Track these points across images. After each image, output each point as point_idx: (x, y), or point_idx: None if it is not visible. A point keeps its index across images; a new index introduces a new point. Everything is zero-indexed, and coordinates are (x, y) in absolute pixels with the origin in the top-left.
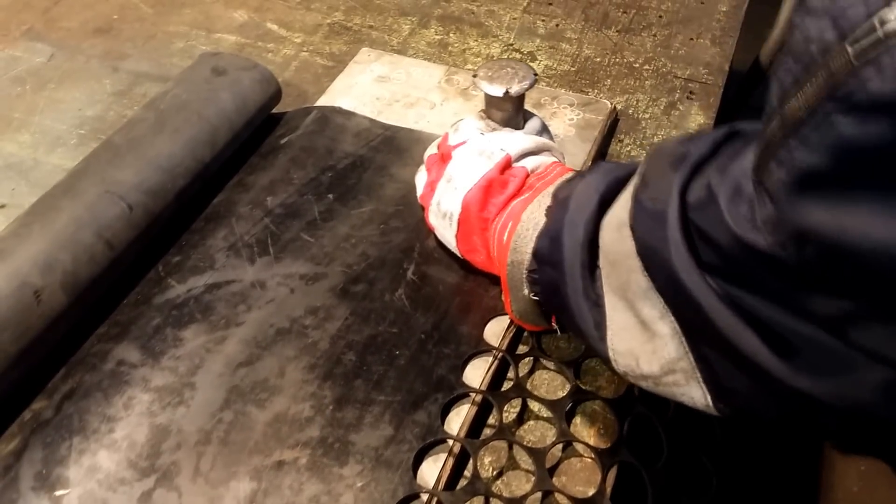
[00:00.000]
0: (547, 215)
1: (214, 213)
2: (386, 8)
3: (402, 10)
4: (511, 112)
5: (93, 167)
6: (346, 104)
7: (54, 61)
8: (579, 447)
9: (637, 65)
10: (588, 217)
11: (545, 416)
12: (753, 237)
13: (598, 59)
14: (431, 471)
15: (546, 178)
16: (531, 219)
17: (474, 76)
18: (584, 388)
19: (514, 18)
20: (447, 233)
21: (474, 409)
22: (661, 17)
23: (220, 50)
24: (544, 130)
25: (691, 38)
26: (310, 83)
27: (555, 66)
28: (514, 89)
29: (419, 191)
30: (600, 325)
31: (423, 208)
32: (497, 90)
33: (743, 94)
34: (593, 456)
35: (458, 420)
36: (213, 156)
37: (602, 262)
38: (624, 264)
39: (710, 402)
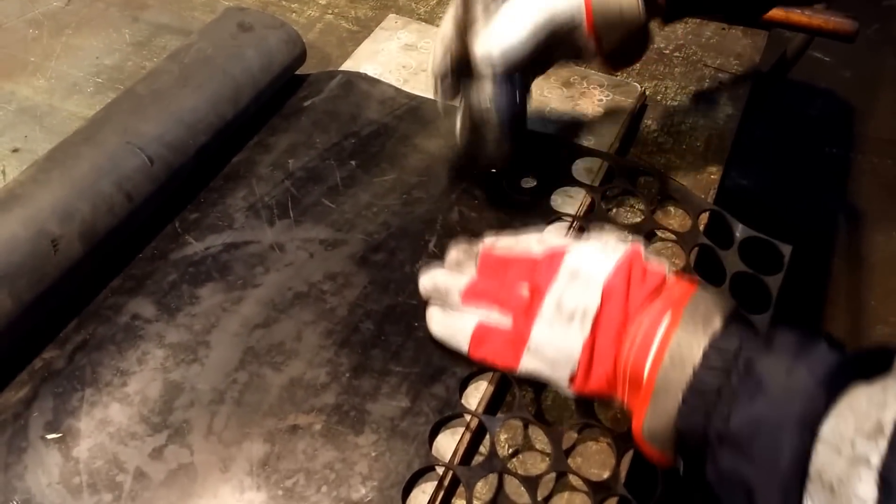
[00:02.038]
0: (729, 370)
1: (234, 173)
2: None
3: None
4: None
5: (114, 117)
6: (370, 70)
7: (72, 6)
8: (596, 430)
9: (667, 51)
10: (811, 424)
11: (563, 397)
12: None
13: None
14: (448, 443)
15: (683, 284)
16: (695, 318)
17: None
18: None
19: None
20: (570, 341)
21: (492, 385)
22: None
23: (243, 6)
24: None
25: (723, 28)
26: (334, 46)
27: None
28: None
29: (463, 331)
30: None
31: (469, 351)
32: None
33: (763, 91)
34: (609, 439)
35: (476, 395)
36: (235, 113)
37: (813, 474)
38: (849, 502)
39: None
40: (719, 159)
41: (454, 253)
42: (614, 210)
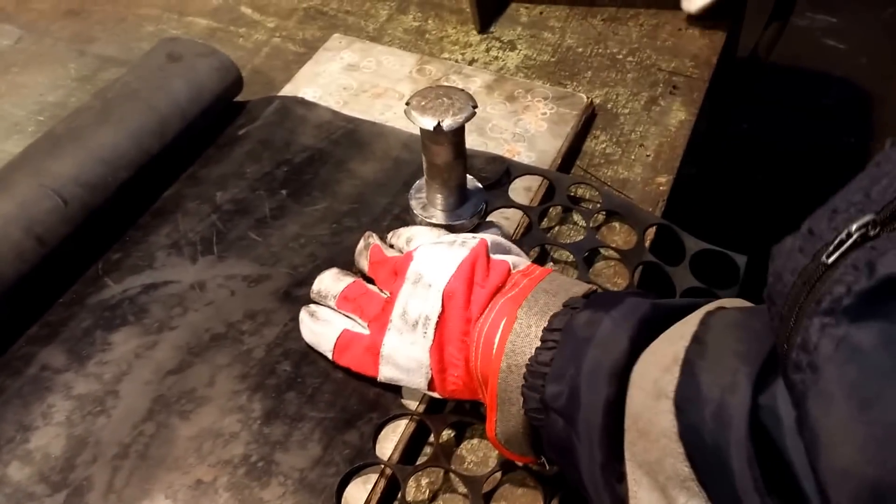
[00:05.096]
0: (558, 342)
1: (161, 208)
2: None
3: None
4: (446, 148)
5: (29, 159)
6: (310, 93)
7: (21, 44)
8: (520, 473)
9: (620, 56)
10: (614, 369)
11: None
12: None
13: (581, 50)
14: (359, 494)
15: (532, 275)
16: (530, 316)
17: (407, 104)
18: None
19: None
20: (416, 349)
21: (409, 431)
22: (650, 5)
23: (191, 35)
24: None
25: (680, 29)
26: (279, 70)
27: (534, 56)
28: (447, 123)
29: (327, 337)
30: None
31: (334, 360)
32: (427, 122)
33: (740, 87)
34: (534, 482)
35: (392, 440)
36: (161, 147)
37: (629, 424)
38: (658, 442)
39: None
40: (669, 168)
41: (360, 243)
42: (556, 228)
